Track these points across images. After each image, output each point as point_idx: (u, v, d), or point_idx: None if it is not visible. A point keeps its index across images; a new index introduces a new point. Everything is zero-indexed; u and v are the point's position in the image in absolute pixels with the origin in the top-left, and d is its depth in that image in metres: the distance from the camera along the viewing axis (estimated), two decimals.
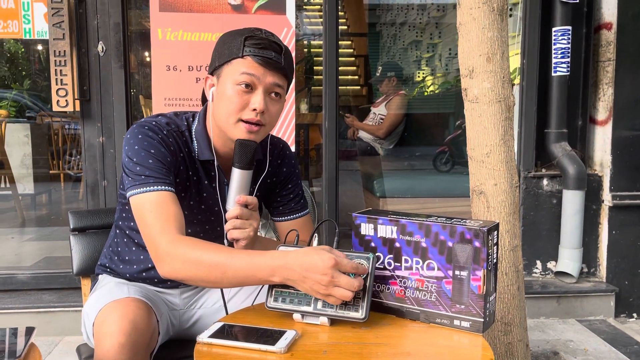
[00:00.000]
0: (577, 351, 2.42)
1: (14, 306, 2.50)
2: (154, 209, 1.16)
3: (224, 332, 1.05)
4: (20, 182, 4.40)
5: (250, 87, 1.20)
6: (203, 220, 1.37)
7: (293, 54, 2.61)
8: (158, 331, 1.20)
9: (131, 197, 1.19)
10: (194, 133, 1.32)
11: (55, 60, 2.39)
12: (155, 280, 1.38)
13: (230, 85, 1.20)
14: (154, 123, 1.27)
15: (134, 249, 1.38)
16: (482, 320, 1.07)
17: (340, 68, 6.33)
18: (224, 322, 1.10)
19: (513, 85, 2.97)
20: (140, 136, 1.23)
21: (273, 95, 1.23)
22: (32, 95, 5.01)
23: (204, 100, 1.34)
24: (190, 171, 1.31)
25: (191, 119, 1.33)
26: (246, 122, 1.21)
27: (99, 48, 2.52)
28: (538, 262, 2.93)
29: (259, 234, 2.67)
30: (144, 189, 1.18)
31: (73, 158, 4.72)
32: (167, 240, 1.13)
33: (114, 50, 2.53)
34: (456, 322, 1.10)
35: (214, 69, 1.24)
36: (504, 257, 1.61)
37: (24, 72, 5.14)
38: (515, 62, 2.89)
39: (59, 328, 2.51)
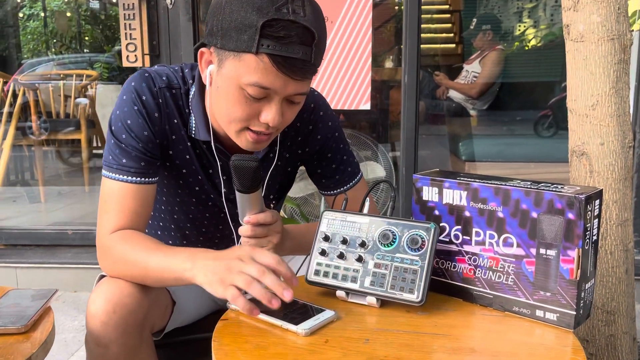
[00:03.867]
0: None
1: (91, 261, 2.56)
2: (111, 200, 1.01)
3: (258, 301, 0.91)
4: None
5: (263, 97, 0.93)
6: (201, 208, 1.16)
7: (370, 14, 2.35)
8: (171, 306, 1.08)
9: (103, 175, 1.03)
10: (190, 102, 1.05)
11: (124, 14, 2.34)
12: None
13: (235, 87, 0.92)
14: (147, 78, 1.03)
15: (158, 232, 1.24)
16: (574, 313, 0.84)
17: (434, 25, 5.90)
18: None
19: (632, 31, 2.53)
20: (127, 95, 1.02)
21: (293, 101, 0.96)
22: None
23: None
24: (181, 145, 1.07)
25: (190, 81, 1.06)
26: (254, 131, 0.96)
27: (168, 1, 2.43)
28: None
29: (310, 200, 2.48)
30: (112, 174, 1.01)
31: None
32: (109, 235, 1.00)
33: (182, 3, 2.42)
34: (539, 313, 0.87)
35: (213, 44, 0.93)
36: (610, 232, 1.32)
37: (116, 35, 5.29)
38: (635, 3, 2.45)
39: None
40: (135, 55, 2.35)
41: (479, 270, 0.93)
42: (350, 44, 2.35)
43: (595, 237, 0.86)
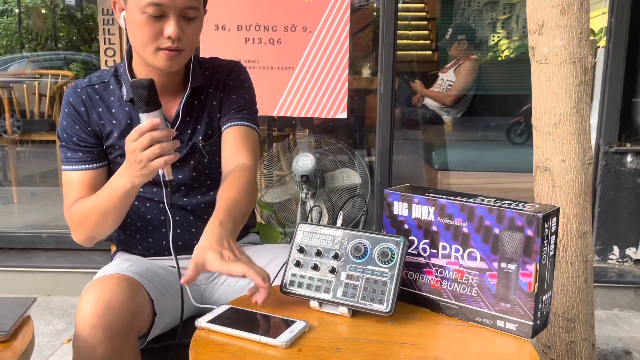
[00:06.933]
0: None
1: (65, 265, 2.55)
2: (66, 186, 1.24)
3: (227, 317, 0.94)
4: None
5: (160, 15, 1.12)
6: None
7: (348, 12, 2.41)
8: (153, 311, 1.11)
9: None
10: (121, 76, 1.26)
11: (103, 19, 2.34)
12: (166, 252, 1.31)
13: (138, 12, 1.12)
14: (73, 86, 1.26)
15: (137, 223, 1.33)
16: (531, 323, 0.90)
17: (412, 32, 5.97)
18: (232, 305, 0.99)
19: (597, 47, 2.64)
20: (62, 104, 1.26)
21: (188, 17, 1.15)
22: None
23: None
24: (128, 119, 1.26)
25: (122, 64, 1.28)
26: (164, 49, 1.15)
27: None
28: (615, 247, 2.63)
29: (309, 203, 2.54)
30: (63, 167, 1.25)
31: None
32: (66, 213, 1.22)
33: None
34: (500, 323, 0.93)
35: None
36: (570, 244, 1.39)
37: (92, 35, 5.24)
38: (601, 21, 2.55)
39: None
40: (114, 60, 2.36)
41: (445, 282, 0.98)
42: (327, 54, 2.40)
43: (552, 252, 0.92)
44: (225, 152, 1.27)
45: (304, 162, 2.45)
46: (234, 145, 1.26)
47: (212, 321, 0.91)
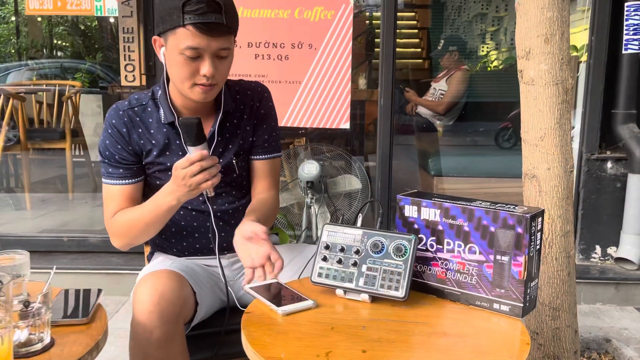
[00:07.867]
0: (630, 340, 2.35)
1: (87, 267, 2.71)
2: (107, 198, 1.40)
3: (266, 287, 1.16)
4: (94, 150, 4.64)
5: (197, 56, 1.25)
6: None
7: (350, 31, 2.61)
8: (195, 301, 1.29)
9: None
10: (158, 100, 1.39)
11: (124, 37, 2.51)
12: (199, 254, 1.49)
13: (177, 54, 1.24)
14: (115, 108, 1.39)
15: (172, 229, 1.49)
16: (522, 305, 1.08)
17: (403, 41, 6.16)
18: (278, 280, 1.20)
19: (580, 62, 2.85)
20: (105, 124, 1.39)
21: (221, 56, 1.28)
22: (105, 66, 5.25)
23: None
24: (166, 139, 1.39)
25: (158, 88, 1.41)
26: (200, 84, 1.28)
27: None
28: (597, 247, 2.84)
29: (313, 207, 2.71)
30: (104, 180, 1.39)
31: None
32: (109, 220, 1.38)
33: None
34: (495, 306, 1.11)
35: (159, 32, 1.28)
36: (555, 242, 1.59)
37: (96, 45, 5.40)
38: (583, 38, 2.77)
39: (126, 289, 2.68)
40: (134, 75, 2.53)
41: (449, 273, 1.16)
42: (331, 70, 2.59)
43: (538, 247, 1.11)
44: (255, 182, 1.49)
45: (309, 169, 2.64)
46: (263, 178, 1.49)
47: (254, 288, 1.14)
